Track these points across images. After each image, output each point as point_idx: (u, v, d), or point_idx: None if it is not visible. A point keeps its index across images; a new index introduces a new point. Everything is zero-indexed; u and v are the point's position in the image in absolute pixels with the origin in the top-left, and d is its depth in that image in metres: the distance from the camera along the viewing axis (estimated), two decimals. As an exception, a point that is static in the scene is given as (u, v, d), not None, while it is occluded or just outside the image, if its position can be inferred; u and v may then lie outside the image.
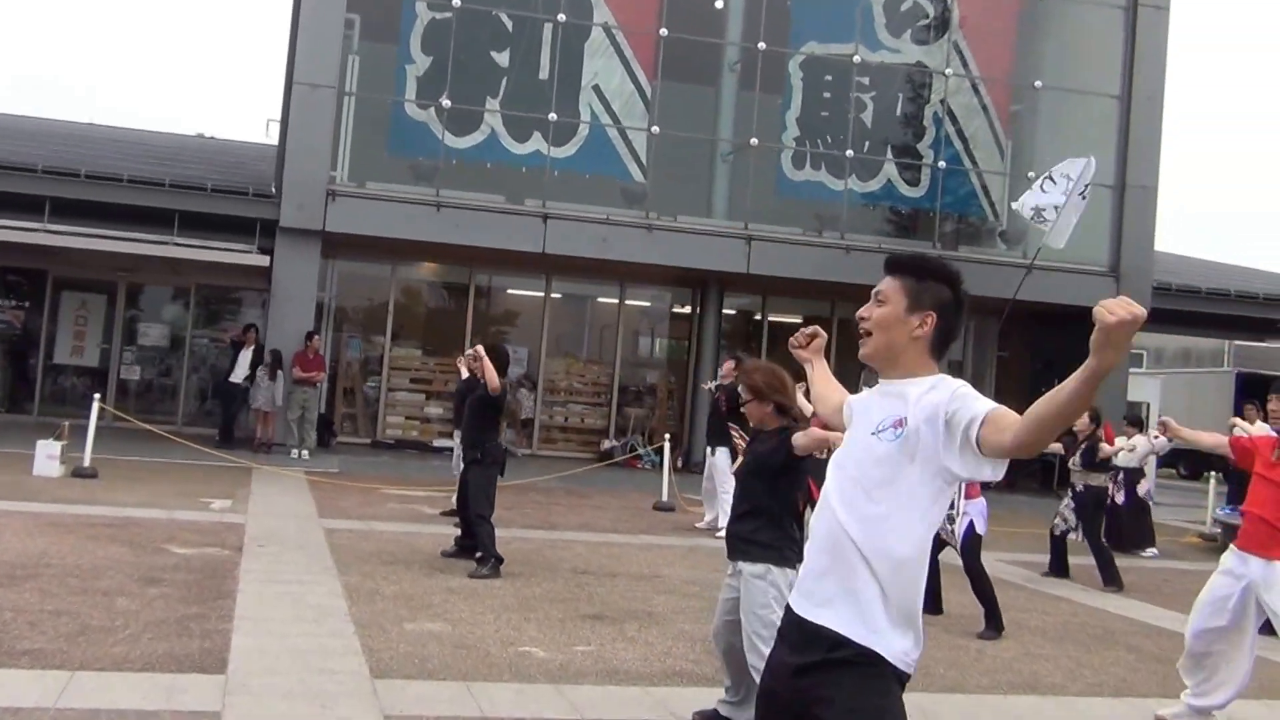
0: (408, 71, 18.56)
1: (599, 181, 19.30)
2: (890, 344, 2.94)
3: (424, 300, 21.70)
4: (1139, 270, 20.71)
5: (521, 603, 7.81)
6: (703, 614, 7.81)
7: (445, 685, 5.64)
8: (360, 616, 6.91)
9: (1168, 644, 8.03)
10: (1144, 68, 20.94)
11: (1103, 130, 20.96)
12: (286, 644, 6.13)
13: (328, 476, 14.63)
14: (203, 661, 5.68)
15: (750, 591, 4.98)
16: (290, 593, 7.49)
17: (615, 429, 20.84)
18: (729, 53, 20.25)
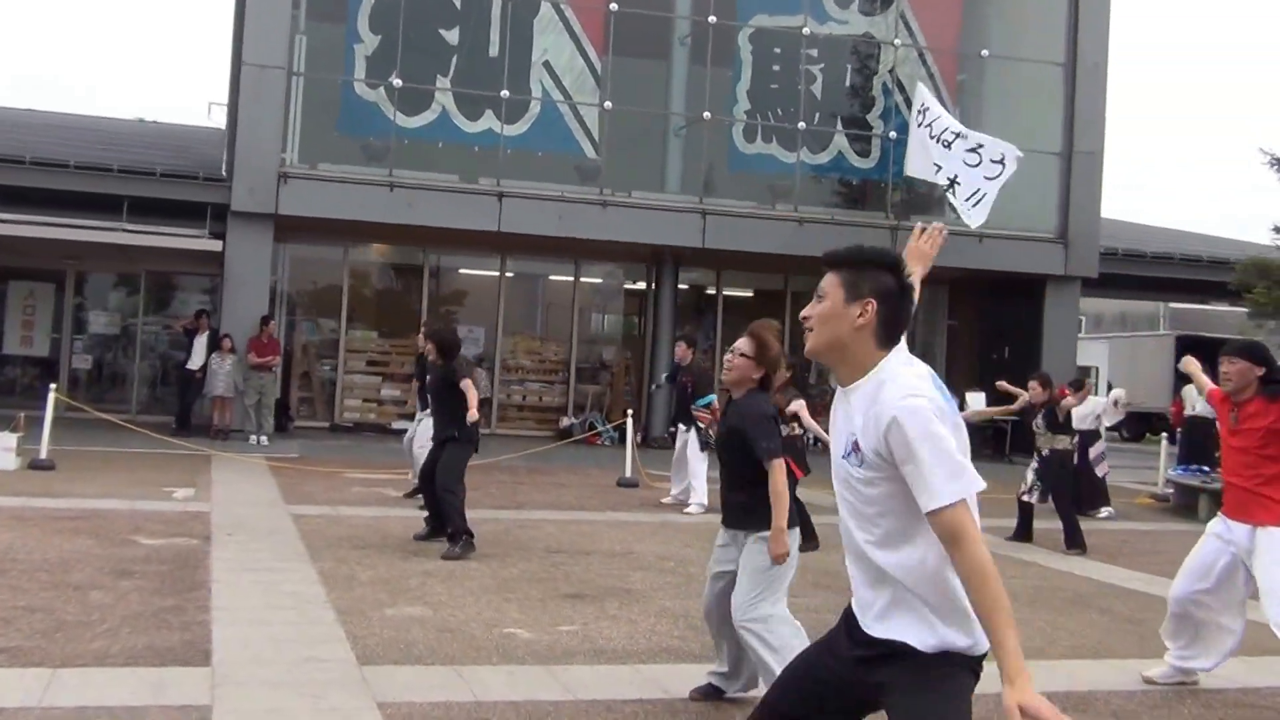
0: (356, 51, 18.38)
1: (552, 158, 19.28)
2: (834, 337, 2.91)
3: (378, 282, 21.59)
4: (1086, 236, 21.02)
5: (500, 584, 7.80)
6: (681, 590, 7.93)
7: (434, 670, 5.63)
8: (339, 603, 6.88)
9: (1137, 605, 8.22)
10: (1088, 35, 21.18)
11: (1048, 98, 21.21)
12: (268, 633, 6.09)
13: (288, 462, 14.57)
14: (185, 654, 5.63)
15: (756, 555, 4.98)
16: (265, 581, 7.42)
17: (573, 406, 20.90)
18: (679, 26, 20.23)
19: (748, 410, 5.13)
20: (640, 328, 21.81)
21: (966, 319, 22.83)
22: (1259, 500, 5.60)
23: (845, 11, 20.47)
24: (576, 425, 19.82)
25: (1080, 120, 21.08)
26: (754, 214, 19.75)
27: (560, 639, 6.35)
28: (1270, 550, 5.52)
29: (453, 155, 18.89)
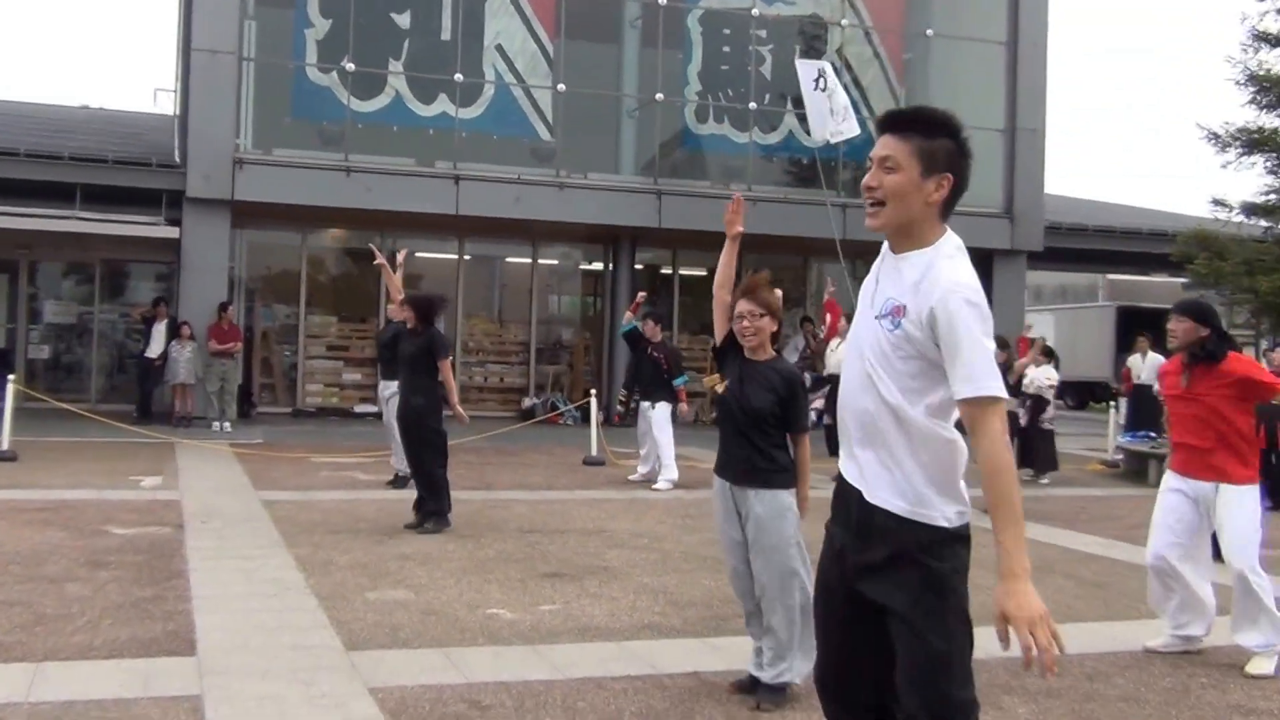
0: (307, 35, 18.37)
1: (508, 141, 19.38)
2: (906, 214, 2.80)
3: (336, 266, 21.57)
4: (1031, 211, 21.47)
5: (478, 565, 7.84)
6: (658, 566, 8.02)
7: (422, 654, 5.64)
8: (320, 588, 6.90)
9: (1100, 569, 8.46)
10: (1028, 14, 21.60)
11: (991, 76, 21.62)
12: (252, 621, 6.08)
13: (253, 448, 14.58)
14: (170, 644, 5.61)
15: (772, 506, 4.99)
16: (243, 568, 7.40)
17: (534, 387, 21.07)
18: (629, 9, 20.37)
19: (789, 376, 5.12)
20: (599, 307, 21.99)
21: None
22: (1212, 461, 5.79)
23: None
24: (538, 405, 20.01)
25: (1022, 98, 21.53)
26: (708, 194, 19.98)
27: (544, 618, 6.41)
28: (1232, 504, 5.74)
29: (408, 139, 18.95)
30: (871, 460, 2.86)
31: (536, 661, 5.57)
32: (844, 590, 2.93)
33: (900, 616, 2.79)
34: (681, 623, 6.43)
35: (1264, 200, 16.34)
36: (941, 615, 2.77)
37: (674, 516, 10.43)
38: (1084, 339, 30.67)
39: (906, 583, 2.78)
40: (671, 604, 6.87)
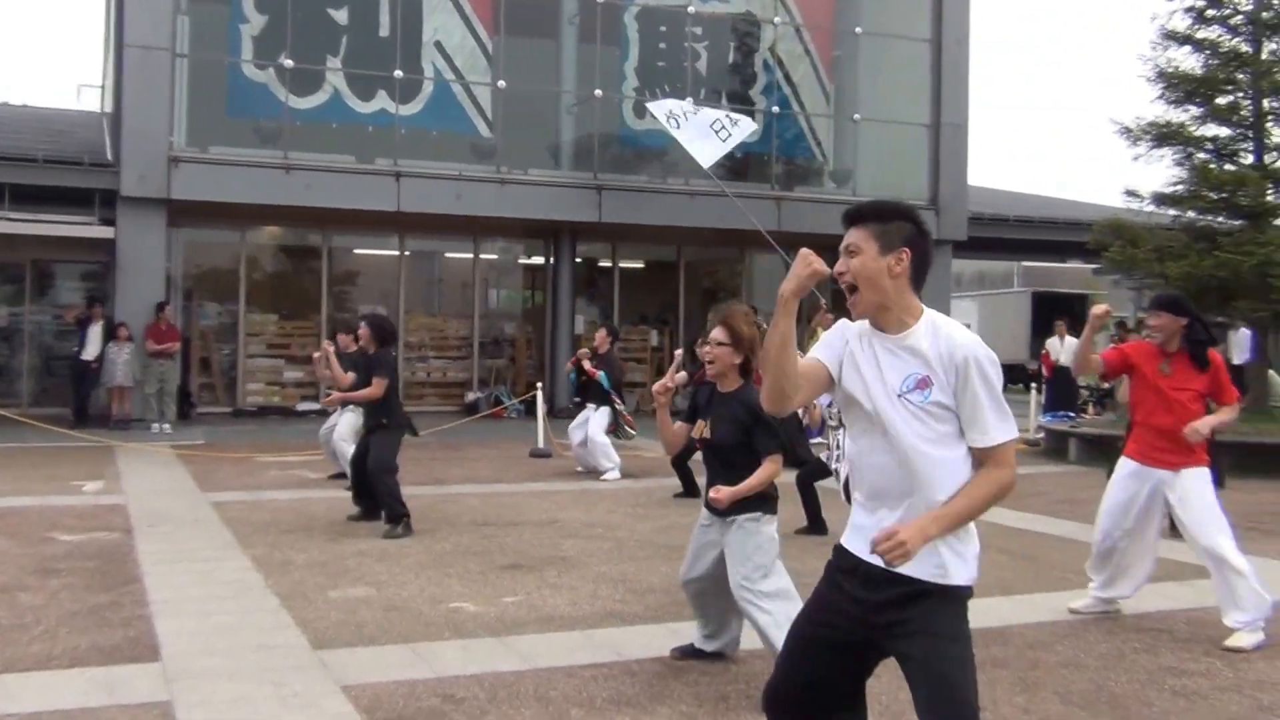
0: (242, 31, 18.27)
1: (448, 137, 19.43)
2: (878, 294, 3.03)
3: (276, 264, 21.48)
4: (955, 202, 22.00)
5: (436, 559, 7.88)
6: (614, 555, 8.17)
7: (390, 650, 5.66)
8: (280, 588, 6.89)
9: (1029, 543, 8.77)
10: (950, 13, 22.10)
11: (917, 72, 22.12)
12: (214, 623, 6.04)
13: (195, 449, 14.53)
14: (133, 651, 5.55)
15: (744, 538, 5.11)
16: (199, 571, 7.36)
17: (478, 381, 21.18)
18: (567, 6, 20.53)
19: (750, 404, 5.09)
20: (542, 301, 22.09)
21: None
22: (1177, 448, 6.06)
23: (726, -10, 21.02)
24: (482, 400, 20.12)
25: (947, 94, 22.07)
26: (646, 188, 20.21)
27: (507, 610, 6.48)
28: (1190, 490, 6.04)
29: (348, 136, 18.92)
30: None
31: (504, 653, 5.63)
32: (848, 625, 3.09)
33: (919, 660, 2.97)
34: (643, 609, 6.59)
35: (1172, 191, 16.94)
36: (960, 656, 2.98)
37: (625, 505, 10.63)
38: (1003, 324, 31.59)
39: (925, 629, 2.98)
40: (631, 591, 7.03)
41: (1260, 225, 16.01)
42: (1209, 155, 16.86)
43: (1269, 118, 16.50)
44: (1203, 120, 16.83)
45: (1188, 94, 16.72)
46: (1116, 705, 5.00)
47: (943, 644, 2.95)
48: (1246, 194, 15.91)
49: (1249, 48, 16.54)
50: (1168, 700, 5.09)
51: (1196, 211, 16.89)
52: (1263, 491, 11.84)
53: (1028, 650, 5.82)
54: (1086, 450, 14.79)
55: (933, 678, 2.93)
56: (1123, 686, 5.26)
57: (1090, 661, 5.66)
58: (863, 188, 21.37)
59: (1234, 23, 16.71)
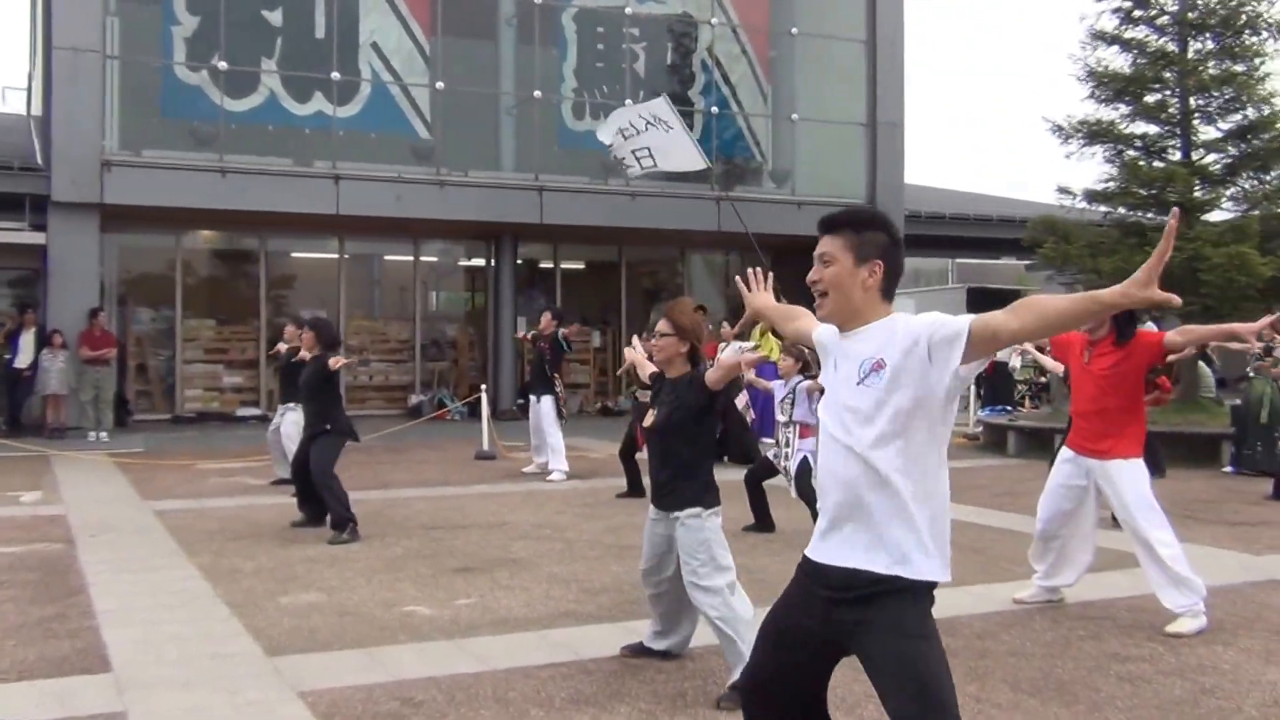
0: (174, 33, 18.07)
1: (387, 140, 19.33)
2: (848, 301, 3.07)
3: (213, 269, 21.22)
4: (892, 200, 22.24)
5: (386, 564, 7.87)
6: (564, 555, 8.20)
7: (345, 655, 5.63)
8: (229, 596, 6.84)
9: (974, 536, 8.88)
10: (884, 13, 22.37)
11: (852, 73, 22.35)
12: (164, 633, 5.98)
13: (134, 457, 14.35)
14: (83, 662, 5.49)
15: (688, 534, 5.13)
16: (145, 580, 7.28)
17: (420, 384, 21.07)
18: (505, 7, 20.51)
19: (697, 379, 5.24)
20: (483, 303, 22.03)
21: (790, 282, 23.77)
22: (1106, 434, 6.25)
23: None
24: (425, 403, 20.03)
25: (882, 93, 22.33)
26: (587, 189, 20.24)
27: (461, 612, 6.48)
28: (1121, 479, 6.20)
29: (284, 138, 18.78)
30: (859, 534, 3.02)
31: (460, 655, 5.63)
32: (815, 624, 3.09)
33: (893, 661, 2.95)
34: (596, 608, 6.63)
35: (1104, 188, 17.31)
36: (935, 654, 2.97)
37: (573, 506, 10.67)
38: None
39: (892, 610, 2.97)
40: (584, 591, 7.07)
41: (1189, 221, 16.39)
42: (1138, 152, 17.23)
43: (1195, 115, 16.90)
44: (1132, 118, 17.21)
45: (1117, 93, 17.09)
46: (1064, 691, 5.12)
47: (915, 644, 2.95)
48: (1175, 190, 16.30)
49: (1175, 47, 16.93)
50: (1113, 685, 5.21)
51: (1127, 208, 17.27)
52: (1194, 480, 12.18)
53: (976, 640, 5.93)
54: (1025, 443, 15.09)
55: (903, 686, 2.91)
56: (1070, 673, 5.38)
57: (1037, 650, 5.78)
58: (801, 187, 21.58)
59: (1160, 23, 17.10)
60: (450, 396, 20.33)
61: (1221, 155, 17.07)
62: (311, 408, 9.48)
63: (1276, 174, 16.49)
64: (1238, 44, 16.69)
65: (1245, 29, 16.61)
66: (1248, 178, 16.90)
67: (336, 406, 9.47)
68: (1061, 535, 6.55)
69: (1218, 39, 16.85)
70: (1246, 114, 16.73)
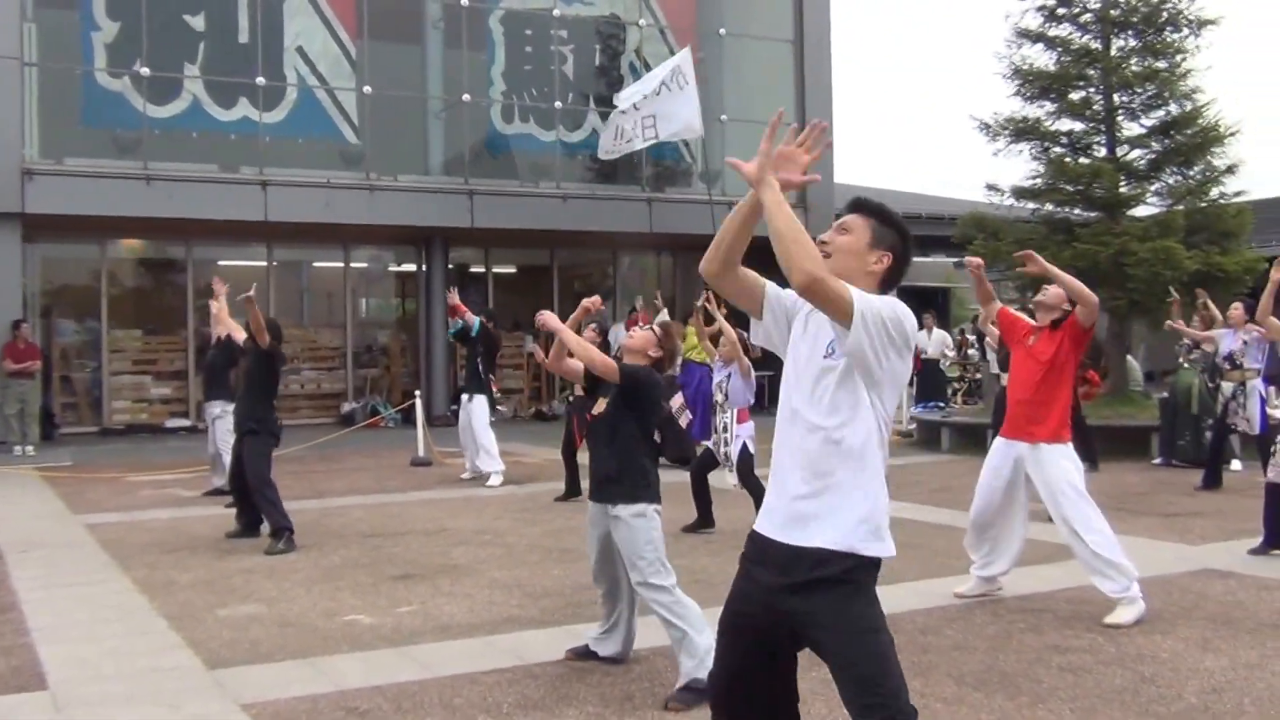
0: (94, 39, 17.71)
1: (315, 145, 19.14)
2: (846, 270, 3.05)
3: (138, 278, 20.85)
4: (822, 200, 22.37)
5: (326, 573, 7.80)
6: (505, 560, 8.17)
7: (287, 666, 5.58)
8: (167, 610, 6.73)
9: (912, 532, 8.90)
10: (811, 13, 22.57)
11: (780, 73, 22.50)
12: (101, 648, 5.88)
13: (63, 470, 14.06)
14: (18, 680, 5.38)
15: (633, 533, 5.13)
16: (80, 596, 7.16)
17: (353, 391, 20.85)
18: (431, 9, 20.37)
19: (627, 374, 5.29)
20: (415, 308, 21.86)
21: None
22: (1038, 419, 6.38)
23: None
24: (358, 410, 19.83)
25: (810, 93, 22.51)
26: (518, 192, 20.19)
27: (403, 620, 6.44)
28: (1047, 463, 6.32)
29: (210, 145, 18.51)
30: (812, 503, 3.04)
31: (405, 663, 5.60)
32: (760, 614, 3.10)
33: (837, 655, 2.99)
34: (539, 613, 6.61)
35: (1031, 184, 17.55)
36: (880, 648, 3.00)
37: (511, 511, 10.64)
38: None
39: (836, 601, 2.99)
40: (527, 596, 7.05)
41: (1115, 216, 16.69)
42: (1064, 149, 17.48)
43: (1119, 112, 17.18)
44: (1057, 115, 17.45)
45: (1042, 90, 17.33)
46: (1007, 683, 5.19)
47: (860, 638, 2.98)
48: (1101, 186, 16.57)
49: (1098, 45, 17.21)
50: (1055, 676, 5.29)
51: (1054, 204, 17.52)
52: (1126, 473, 12.39)
53: (919, 635, 5.99)
54: (958, 439, 15.27)
55: (854, 677, 2.96)
56: (1012, 665, 5.45)
57: (979, 643, 5.85)
58: (732, 188, 21.58)
59: (1084, 20, 17.37)
60: (384, 403, 20.15)
61: (1145, 151, 17.33)
62: (247, 400, 9.32)
63: (1200, 169, 16.77)
64: (1159, 41, 16.98)
65: (1167, 25, 16.91)
66: (1171, 173, 17.17)
67: (268, 405, 9.32)
68: (996, 523, 6.66)
69: (1140, 36, 17.15)
70: (1169, 110, 17.00)
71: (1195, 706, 4.86)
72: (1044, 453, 6.36)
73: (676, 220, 20.77)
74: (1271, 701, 4.91)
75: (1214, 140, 16.67)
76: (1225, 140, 16.76)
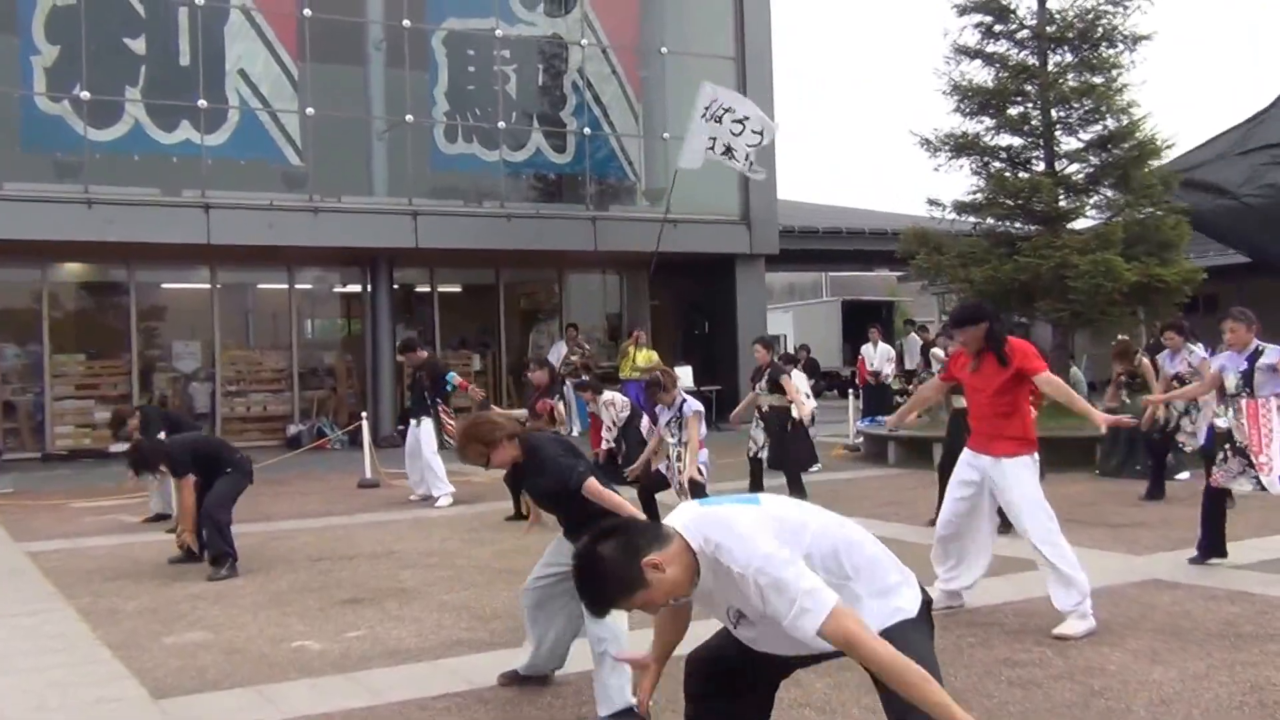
0: (34, 63, 17.50)
1: (257, 167, 19.01)
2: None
3: (80, 302, 20.59)
4: (765, 216, 22.63)
5: (273, 599, 7.75)
6: (454, 583, 8.14)
7: (235, 694, 5.54)
8: (111, 639, 6.68)
9: None
10: (752, 30, 22.76)
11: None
12: (45, 679, 5.83)
13: (4, 498, 13.88)
14: None
15: None
16: (22, 625, 7.09)
17: (299, 413, 20.69)
18: (372, 31, 20.35)
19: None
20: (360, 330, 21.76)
21: (667, 299, 24.07)
22: (996, 437, 6.47)
23: (532, 13, 21.20)
24: (304, 432, 19.69)
25: (752, 109, 22.63)
26: (462, 212, 20.19)
27: (352, 645, 6.42)
28: (1008, 476, 6.41)
29: (152, 168, 18.35)
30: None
31: (354, 689, 5.58)
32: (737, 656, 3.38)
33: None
34: (489, 635, 6.60)
35: (972, 199, 17.79)
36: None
37: (460, 532, 10.60)
38: (816, 332, 32.77)
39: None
40: (475, 618, 7.03)
41: (1055, 229, 16.95)
42: (1004, 164, 17.76)
43: (1057, 127, 17.48)
44: (996, 130, 17.71)
45: (981, 106, 17.60)
46: (958, 698, 5.05)
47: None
48: (1040, 200, 16.85)
49: (1035, 61, 17.51)
50: (1005, 691, 5.32)
51: (995, 218, 17.78)
52: (1073, 484, 12.50)
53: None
54: (905, 453, 15.35)
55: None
56: (962, 680, 5.45)
57: (929, 658, 5.91)
58: (676, 205, 21.77)
59: (1020, 37, 17.66)
60: (330, 425, 20.02)
61: (1084, 165, 17.63)
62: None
63: (1137, 182, 17.08)
64: (1095, 56, 17.30)
65: (1102, 41, 17.24)
66: (1109, 185, 17.48)
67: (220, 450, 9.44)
68: (963, 535, 6.72)
69: (1076, 51, 17.47)
70: (1106, 124, 17.30)
71: (1144, 719, 4.90)
72: (1005, 466, 6.44)
73: (621, 238, 20.85)
74: (1219, 712, 4.93)
75: (1151, 154, 17.02)
76: (1162, 154, 17.12)
